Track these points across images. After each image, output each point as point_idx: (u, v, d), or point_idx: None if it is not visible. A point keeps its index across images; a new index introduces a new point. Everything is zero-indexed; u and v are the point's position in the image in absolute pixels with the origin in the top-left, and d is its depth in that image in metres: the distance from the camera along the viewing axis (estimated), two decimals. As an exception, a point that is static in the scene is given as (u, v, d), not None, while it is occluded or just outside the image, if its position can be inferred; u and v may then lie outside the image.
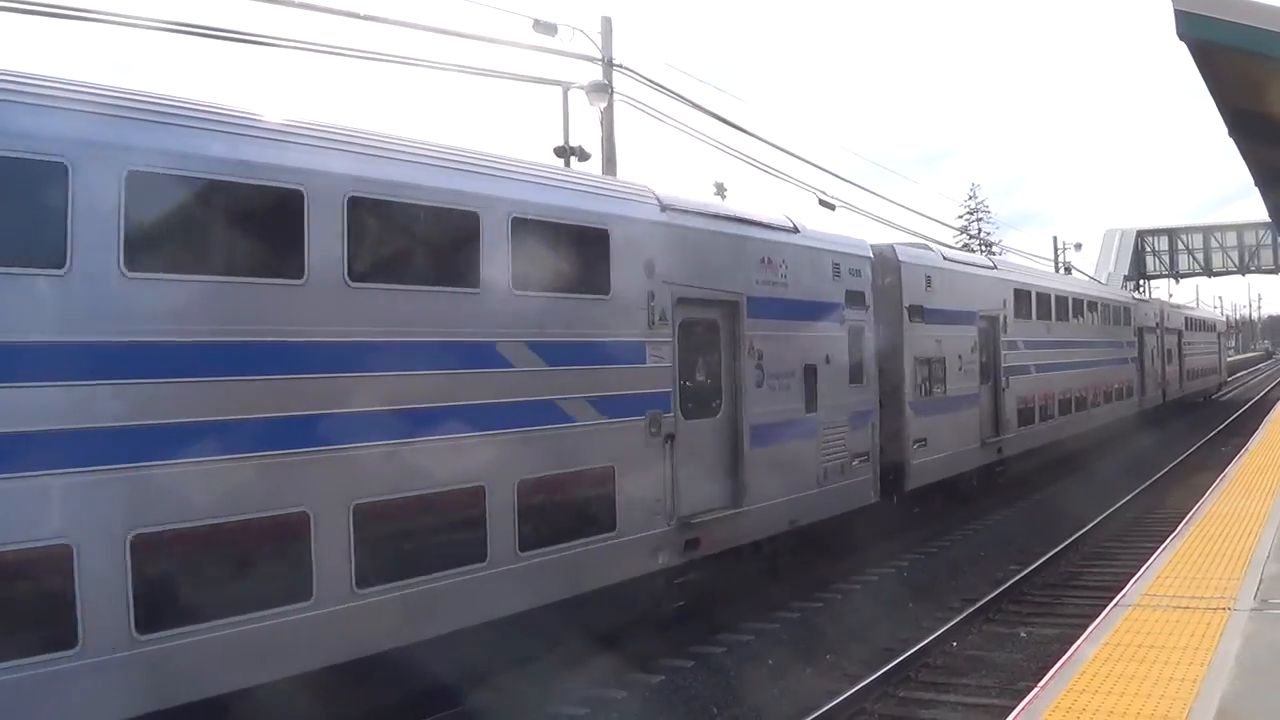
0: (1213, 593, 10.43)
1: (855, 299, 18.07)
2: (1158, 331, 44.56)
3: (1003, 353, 25.35)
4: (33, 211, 7.94)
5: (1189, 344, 53.15)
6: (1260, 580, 10.83)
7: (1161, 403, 44.80)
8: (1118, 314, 38.52)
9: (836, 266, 17.53)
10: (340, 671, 9.46)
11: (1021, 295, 27.44)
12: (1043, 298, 29.32)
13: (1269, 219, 34.48)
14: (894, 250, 20.86)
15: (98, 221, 8.03)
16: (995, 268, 26.88)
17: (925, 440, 20.81)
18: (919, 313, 20.95)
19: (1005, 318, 25.64)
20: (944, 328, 21.99)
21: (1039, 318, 28.58)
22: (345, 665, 9.52)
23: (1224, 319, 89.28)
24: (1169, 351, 47.11)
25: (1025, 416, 27.02)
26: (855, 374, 17.97)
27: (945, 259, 23.27)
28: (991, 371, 24.90)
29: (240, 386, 8.94)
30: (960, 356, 22.81)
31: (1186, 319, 54.27)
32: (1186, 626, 9.32)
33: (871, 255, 18.96)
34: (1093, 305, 35.49)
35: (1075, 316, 32.94)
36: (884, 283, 19.65)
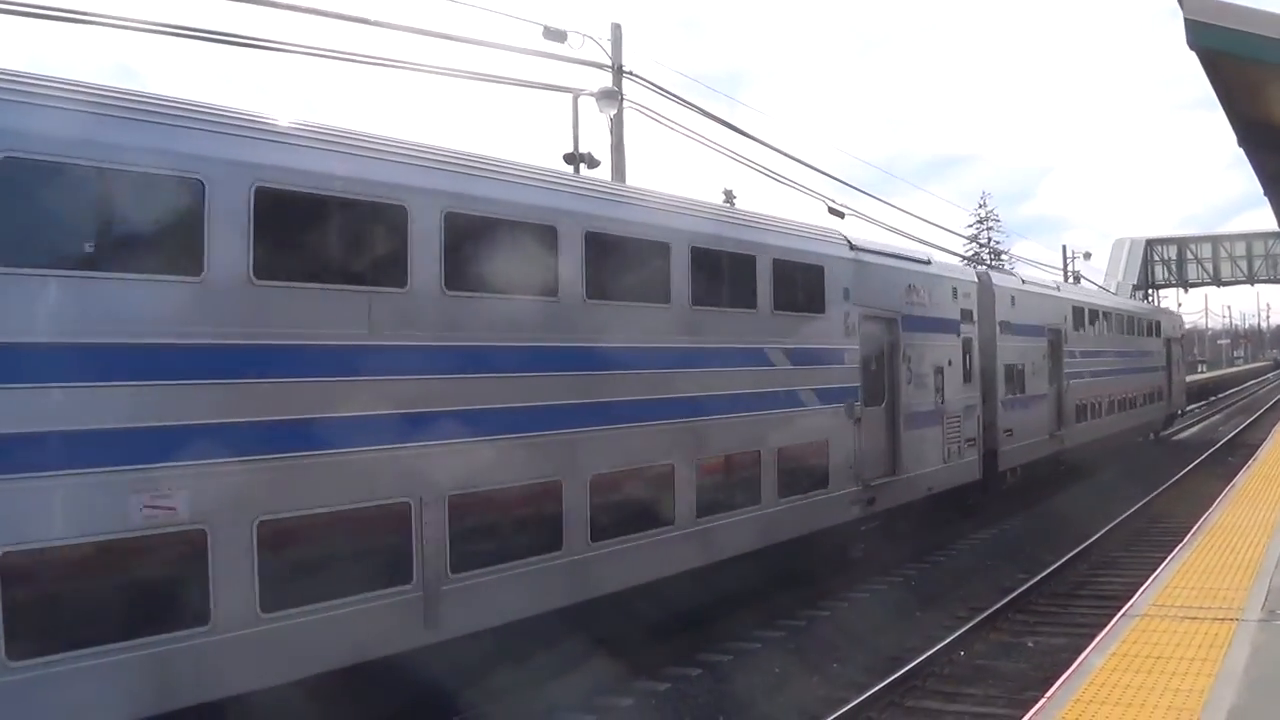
0: (1221, 603, 10.41)
1: None
2: (961, 332, 22.35)
3: None
4: None
5: (1087, 355, 31.78)
6: (1268, 591, 10.81)
7: (982, 479, 23.17)
8: (732, 266, 15.43)
9: None
10: None
11: None
12: None
13: (1278, 228, 34.37)
14: None
15: None
16: None
17: None
18: None
19: None
20: None
21: None
22: None
23: (1176, 317, 54.99)
24: (1017, 372, 25.77)
25: None
26: None
27: None
28: None
29: None
30: None
31: (1077, 309, 31.64)
32: (1194, 637, 9.30)
33: None
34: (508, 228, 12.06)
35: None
36: None
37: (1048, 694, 8.21)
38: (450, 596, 10.55)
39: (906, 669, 13.28)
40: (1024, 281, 28.64)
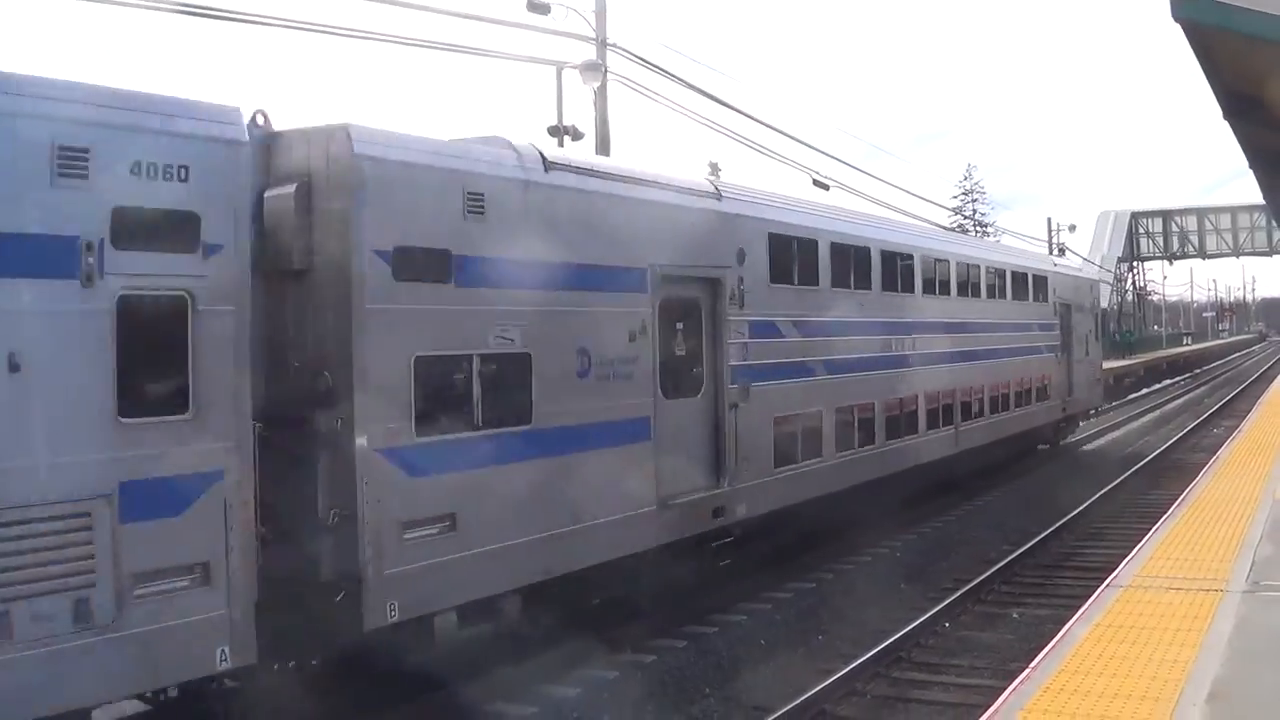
0: (1205, 574, 10.45)
1: None
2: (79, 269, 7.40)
3: None
4: None
5: (818, 330, 16.86)
6: (1252, 562, 10.85)
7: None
8: None
9: None
10: None
11: None
12: None
13: (1263, 201, 34.30)
14: None
15: None
16: None
17: None
18: None
19: None
20: None
21: None
22: None
23: (1082, 275, 37.44)
24: (475, 374, 10.42)
25: None
26: None
27: None
28: None
29: None
30: None
31: (780, 240, 15.91)
32: (1179, 608, 9.33)
33: None
34: None
35: None
36: None
37: (1032, 664, 8.24)
38: None
39: (891, 640, 13.32)
40: (550, 162, 11.92)
